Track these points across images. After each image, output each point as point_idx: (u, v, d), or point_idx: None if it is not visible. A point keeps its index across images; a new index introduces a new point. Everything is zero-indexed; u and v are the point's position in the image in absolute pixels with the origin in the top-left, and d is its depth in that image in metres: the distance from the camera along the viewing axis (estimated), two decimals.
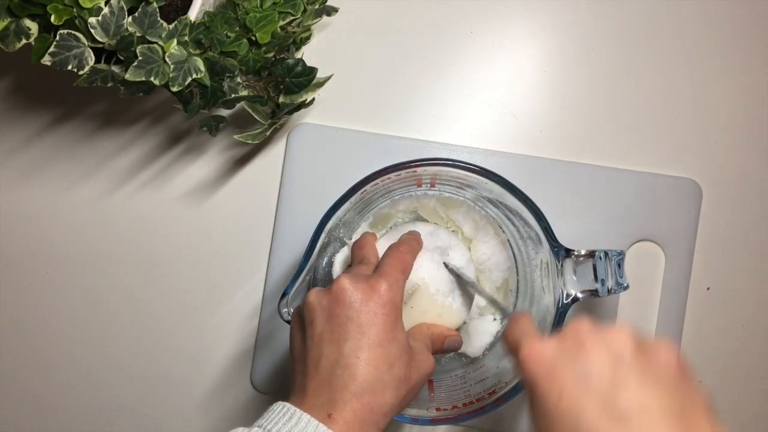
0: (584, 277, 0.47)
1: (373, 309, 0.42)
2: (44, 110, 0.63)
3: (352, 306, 0.42)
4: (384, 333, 0.41)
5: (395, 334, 0.42)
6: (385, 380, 0.41)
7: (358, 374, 0.40)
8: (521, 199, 0.48)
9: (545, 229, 0.48)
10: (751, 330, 0.60)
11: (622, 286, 0.48)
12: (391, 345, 0.41)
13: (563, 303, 0.47)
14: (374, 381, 0.40)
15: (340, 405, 0.39)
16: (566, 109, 0.61)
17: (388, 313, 0.42)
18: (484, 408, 0.47)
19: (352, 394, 0.39)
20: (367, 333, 0.41)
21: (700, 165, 0.61)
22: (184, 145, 0.62)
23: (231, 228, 0.61)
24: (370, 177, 0.48)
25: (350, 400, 0.39)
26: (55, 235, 0.62)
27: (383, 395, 0.40)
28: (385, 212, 0.55)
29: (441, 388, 0.53)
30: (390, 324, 0.42)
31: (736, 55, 0.61)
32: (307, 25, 0.56)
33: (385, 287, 0.43)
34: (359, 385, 0.40)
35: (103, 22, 0.47)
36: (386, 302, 0.42)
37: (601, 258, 0.47)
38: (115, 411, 0.62)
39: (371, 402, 0.40)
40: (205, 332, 0.61)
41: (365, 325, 0.41)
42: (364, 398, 0.40)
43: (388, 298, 0.42)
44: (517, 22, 0.62)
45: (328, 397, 0.40)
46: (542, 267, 0.51)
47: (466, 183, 0.52)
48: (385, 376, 0.41)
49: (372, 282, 0.43)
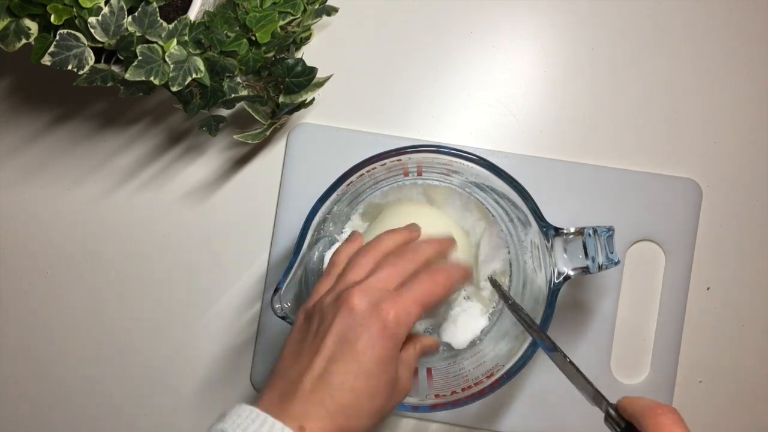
0: (575, 255, 0.48)
1: (373, 340, 0.40)
2: (44, 110, 0.63)
3: (354, 330, 0.40)
4: (376, 365, 0.40)
5: (387, 368, 0.41)
6: (364, 409, 0.40)
7: (338, 396, 0.39)
8: (507, 180, 0.48)
9: (533, 210, 0.48)
10: (751, 330, 0.60)
11: (613, 262, 0.48)
12: (379, 378, 0.40)
13: (555, 282, 0.48)
14: (352, 407, 0.39)
15: (314, 420, 0.39)
16: (566, 109, 0.61)
17: (386, 346, 0.40)
18: (483, 392, 0.48)
19: (327, 413, 0.39)
20: (360, 360, 0.40)
21: (700, 165, 0.61)
22: (184, 145, 0.62)
23: (231, 228, 0.61)
24: (355, 168, 0.49)
25: (324, 417, 0.39)
26: (55, 235, 0.62)
27: (357, 421, 0.40)
28: (376, 202, 0.55)
29: (439, 375, 0.53)
30: (385, 357, 0.41)
31: (736, 56, 0.61)
32: (307, 25, 0.56)
33: (393, 318, 0.41)
34: (337, 407, 0.39)
35: (103, 21, 0.47)
36: (389, 336, 0.41)
37: (590, 235, 0.47)
38: (115, 410, 0.62)
39: (343, 425, 0.39)
40: (206, 332, 0.61)
41: (360, 352, 0.40)
42: (338, 420, 0.39)
43: (393, 332, 0.41)
44: (517, 22, 0.62)
45: (303, 409, 0.39)
46: (533, 248, 0.51)
47: (452, 169, 0.52)
48: (365, 405, 0.40)
49: (381, 306, 0.41)
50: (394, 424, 0.60)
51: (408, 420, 0.60)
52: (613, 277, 0.59)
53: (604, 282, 0.59)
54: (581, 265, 0.48)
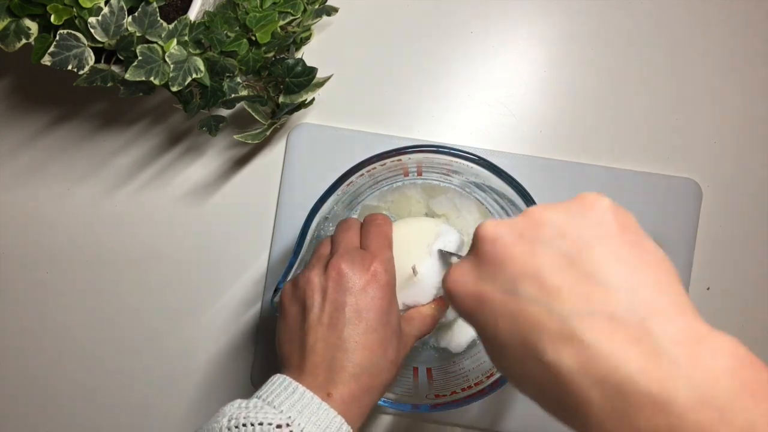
0: None
1: (371, 293, 0.43)
2: (44, 110, 0.63)
3: (350, 291, 0.43)
4: (379, 317, 0.43)
5: (389, 318, 0.44)
6: (381, 364, 0.42)
7: (356, 358, 0.42)
8: (507, 180, 0.49)
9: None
10: (751, 330, 0.60)
11: None
12: (385, 329, 0.43)
13: None
14: (371, 364, 0.42)
15: (339, 385, 0.41)
16: (566, 109, 0.61)
17: (384, 296, 0.43)
18: (483, 392, 0.48)
19: (351, 376, 0.41)
20: (365, 318, 0.43)
21: (700, 165, 0.61)
22: (184, 145, 0.62)
23: (231, 228, 0.61)
24: (355, 168, 0.49)
25: (348, 381, 0.41)
26: (55, 235, 0.62)
27: (379, 377, 0.42)
28: (374, 204, 0.55)
29: (439, 375, 0.53)
30: (386, 307, 0.43)
31: (736, 56, 0.61)
32: (307, 25, 0.56)
33: (381, 270, 0.44)
34: (358, 367, 0.42)
35: (103, 22, 0.47)
36: (383, 285, 0.44)
37: None
38: (115, 409, 0.62)
39: (368, 383, 0.42)
40: (206, 332, 0.61)
41: (363, 310, 0.43)
42: (362, 380, 0.42)
43: (385, 281, 0.44)
44: (517, 22, 0.62)
45: (326, 377, 0.41)
46: None
47: (452, 169, 0.52)
48: (381, 359, 0.42)
49: (368, 264, 0.44)
50: (394, 424, 0.61)
51: (408, 420, 0.60)
52: None
53: None
54: None
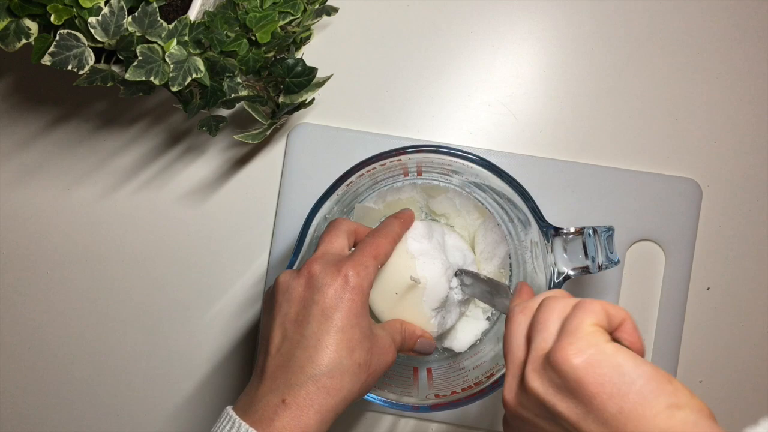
0: (574, 255, 0.48)
1: (339, 294, 0.42)
2: (44, 110, 0.63)
3: (318, 290, 0.42)
4: (347, 318, 0.42)
5: (359, 320, 0.42)
6: (345, 364, 0.41)
7: (316, 357, 0.40)
8: (507, 180, 0.49)
9: (533, 210, 0.48)
10: (751, 330, 0.60)
11: (613, 261, 0.48)
12: (353, 330, 0.42)
13: (555, 282, 0.48)
14: (333, 365, 0.40)
15: (295, 389, 0.40)
16: (566, 109, 0.61)
17: (353, 299, 0.42)
18: (483, 392, 0.48)
19: (309, 377, 0.40)
20: (331, 317, 0.41)
21: (700, 165, 0.61)
22: (184, 145, 0.62)
23: (231, 228, 0.61)
24: (355, 168, 0.49)
25: (306, 382, 0.40)
26: (55, 235, 0.62)
27: (341, 379, 0.41)
28: (369, 206, 0.55)
29: (439, 375, 0.53)
30: (355, 309, 0.42)
31: (736, 55, 0.61)
32: (307, 25, 0.56)
33: (352, 273, 0.43)
34: (317, 367, 0.40)
35: (103, 21, 0.47)
36: (353, 287, 0.42)
37: (590, 235, 0.47)
38: (115, 410, 0.62)
39: (328, 385, 0.40)
40: (206, 332, 0.61)
41: (329, 308, 0.42)
42: (322, 381, 0.40)
43: (355, 283, 0.43)
44: (517, 22, 0.62)
45: (284, 379, 0.40)
46: (532, 247, 0.51)
47: (452, 169, 0.52)
48: (345, 360, 0.41)
49: (341, 266, 0.43)
50: (394, 424, 0.61)
51: (408, 420, 0.60)
52: (613, 277, 0.59)
53: (604, 282, 0.59)
54: (581, 265, 0.48)
